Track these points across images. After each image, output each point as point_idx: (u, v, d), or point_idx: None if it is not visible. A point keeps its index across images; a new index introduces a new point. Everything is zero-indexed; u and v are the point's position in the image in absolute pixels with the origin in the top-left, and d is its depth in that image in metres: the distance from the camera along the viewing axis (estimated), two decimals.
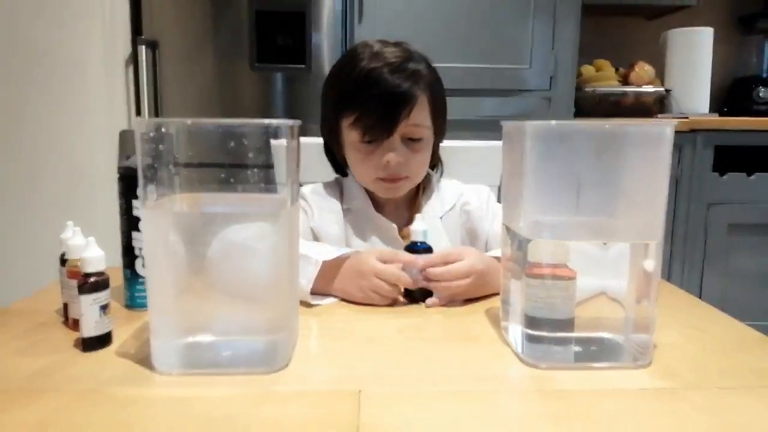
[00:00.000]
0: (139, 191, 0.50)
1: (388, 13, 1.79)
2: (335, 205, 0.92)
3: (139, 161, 0.49)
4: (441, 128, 0.91)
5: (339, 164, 0.95)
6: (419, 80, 0.84)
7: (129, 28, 1.82)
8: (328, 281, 0.72)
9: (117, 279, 0.60)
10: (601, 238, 0.54)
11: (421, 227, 0.75)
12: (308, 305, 0.69)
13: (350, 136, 0.86)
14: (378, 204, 0.92)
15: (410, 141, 0.85)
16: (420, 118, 0.84)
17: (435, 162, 0.96)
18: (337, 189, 0.95)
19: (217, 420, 0.43)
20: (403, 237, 0.90)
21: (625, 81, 2.20)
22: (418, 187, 0.94)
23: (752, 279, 1.95)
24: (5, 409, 0.44)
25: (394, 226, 0.91)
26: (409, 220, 0.88)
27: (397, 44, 0.87)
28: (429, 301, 0.71)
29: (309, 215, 0.91)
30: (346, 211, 0.92)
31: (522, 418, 0.45)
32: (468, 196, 0.95)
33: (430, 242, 0.76)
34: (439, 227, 0.92)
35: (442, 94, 0.89)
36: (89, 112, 1.70)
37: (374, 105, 0.81)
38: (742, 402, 0.47)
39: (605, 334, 0.55)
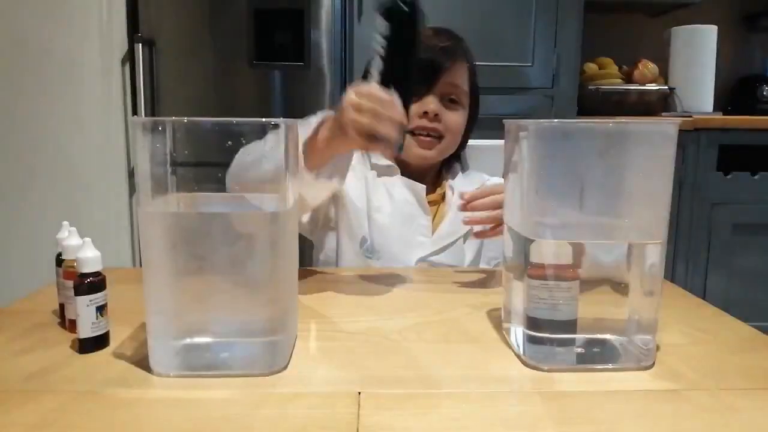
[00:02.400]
0: (136, 191, 0.49)
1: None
2: (358, 161, 0.95)
3: (135, 161, 0.49)
4: (474, 108, 0.97)
5: None
6: (460, 45, 0.92)
7: (126, 26, 1.82)
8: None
9: (113, 279, 0.60)
10: (604, 238, 0.54)
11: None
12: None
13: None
14: (401, 172, 0.96)
15: (447, 102, 0.92)
16: (458, 78, 0.91)
17: (463, 145, 1.01)
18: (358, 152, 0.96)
19: (215, 422, 0.43)
20: (429, 203, 0.95)
21: (628, 79, 2.19)
22: (440, 166, 1.00)
23: (756, 279, 1.95)
24: (1, 411, 0.44)
25: (423, 186, 0.95)
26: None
27: None
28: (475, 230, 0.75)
29: None
30: (373, 166, 0.96)
31: (524, 420, 0.44)
32: (492, 180, 1.01)
33: (456, 218, 0.84)
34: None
35: (476, 79, 0.96)
36: (86, 110, 1.70)
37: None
38: (746, 403, 0.47)
39: (608, 336, 0.55)
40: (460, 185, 0.98)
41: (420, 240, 0.93)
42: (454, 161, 1.02)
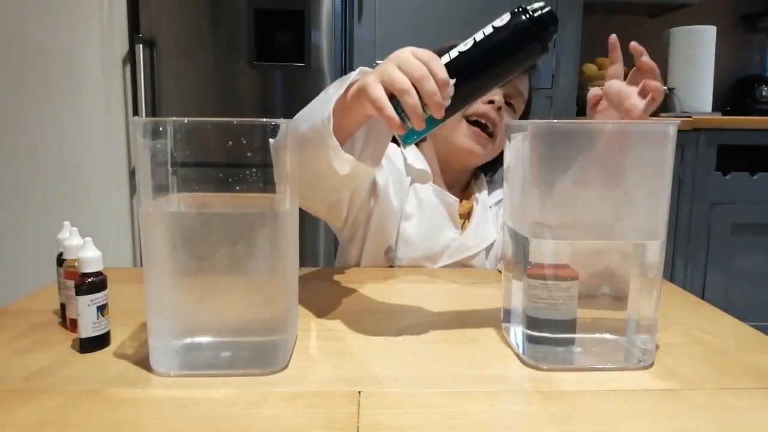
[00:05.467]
0: (137, 191, 0.50)
1: (388, 11, 1.79)
2: (400, 165, 0.93)
3: (136, 161, 0.49)
4: (526, 115, 0.97)
5: None
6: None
7: (126, 27, 1.82)
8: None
9: (114, 279, 0.60)
10: (603, 238, 0.54)
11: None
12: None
13: None
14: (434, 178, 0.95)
15: (506, 105, 0.91)
16: (522, 86, 0.91)
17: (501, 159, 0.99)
18: (399, 153, 0.94)
19: (215, 421, 0.43)
20: (460, 215, 0.94)
21: None
22: (470, 178, 1.00)
23: (755, 279, 1.95)
24: (2, 410, 0.44)
25: (456, 199, 0.93)
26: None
27: None
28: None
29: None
30: (408, 170, 0.93)
31: (523, 419, 0.44)
32: None
33: (481, 228, 0.87)
34: (489, 217, 0.95)
35: (530, 99, 0.96)
36: (86, 111, 1.70)
37: None
38: (745, 403, 0.47)
39: (607, 335, 0.55)
40: (486, 198, 0.97)
41: (443, 253, 0.91)
42: (482, 174, 1.01)
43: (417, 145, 0.95)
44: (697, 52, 2.15)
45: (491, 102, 0.88)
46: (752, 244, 1.94)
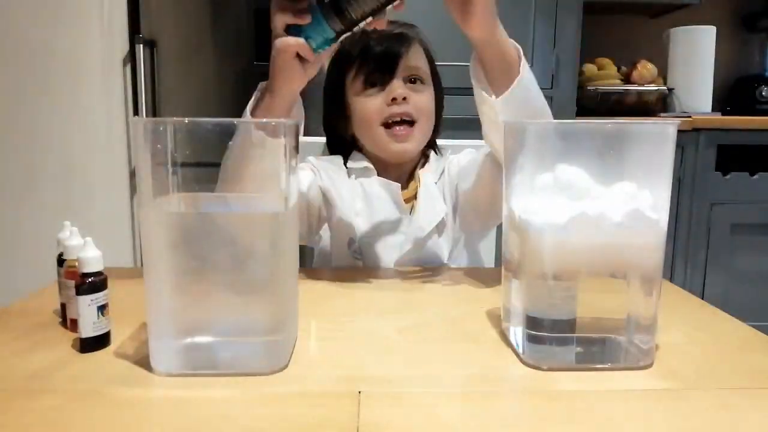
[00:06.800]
0: (137, 191, 0.50)
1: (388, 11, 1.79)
2: (341, 167, 0.96)
3: (136, 161, 0.49)
4: (438, 84, 0.97)
5: (342, 145, 0.99)
6: (411, 29, 0.95)
7: (127, 27, 1.83)
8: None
9: (114, 279, 0.60)
10: (603, 237, 0.54)
11: None
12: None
13: (354, 87, 0.92)
14: (378, 172, 0.96)
15: (412, 84, 0.92)
16: (417, 60, 0.93)
17: (437, 130, 1.00)
18: (341, 159, 0.98)
19: (215, 421, 0.43)
20: (406, 200, 0.95)
21: (627, 80, 2.20)
22: (416, 162, 0.99)
23: (755, 279, 1.95)
24: (3, 410, 0.44)
25: (398, 184, 0.94)
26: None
27: None
28: None
29: (317, 174, 0.94)
30: (350, 171, 0.97)
31: (523, 419, 0.44)
32: (451, 158, 1.00)
33: (429, 208, 0.89)
34: (435, 194, 0.95)
35: (431, 52, 0.97)
36: (87, 111, 1.70)
37: (374, 48, 0.90)
38: (745, 403, 0.47)
39: (607, 335, 0.55)
40: (430, 176, 0.97)
41: (399, 239, 0.92)
42: (430, 152, 1.01)
43: (358, 150, 0.98)
44: (697, 52, 2.16)
45: (394, 99, 0.89)
46: (752, 244, 1.94)
